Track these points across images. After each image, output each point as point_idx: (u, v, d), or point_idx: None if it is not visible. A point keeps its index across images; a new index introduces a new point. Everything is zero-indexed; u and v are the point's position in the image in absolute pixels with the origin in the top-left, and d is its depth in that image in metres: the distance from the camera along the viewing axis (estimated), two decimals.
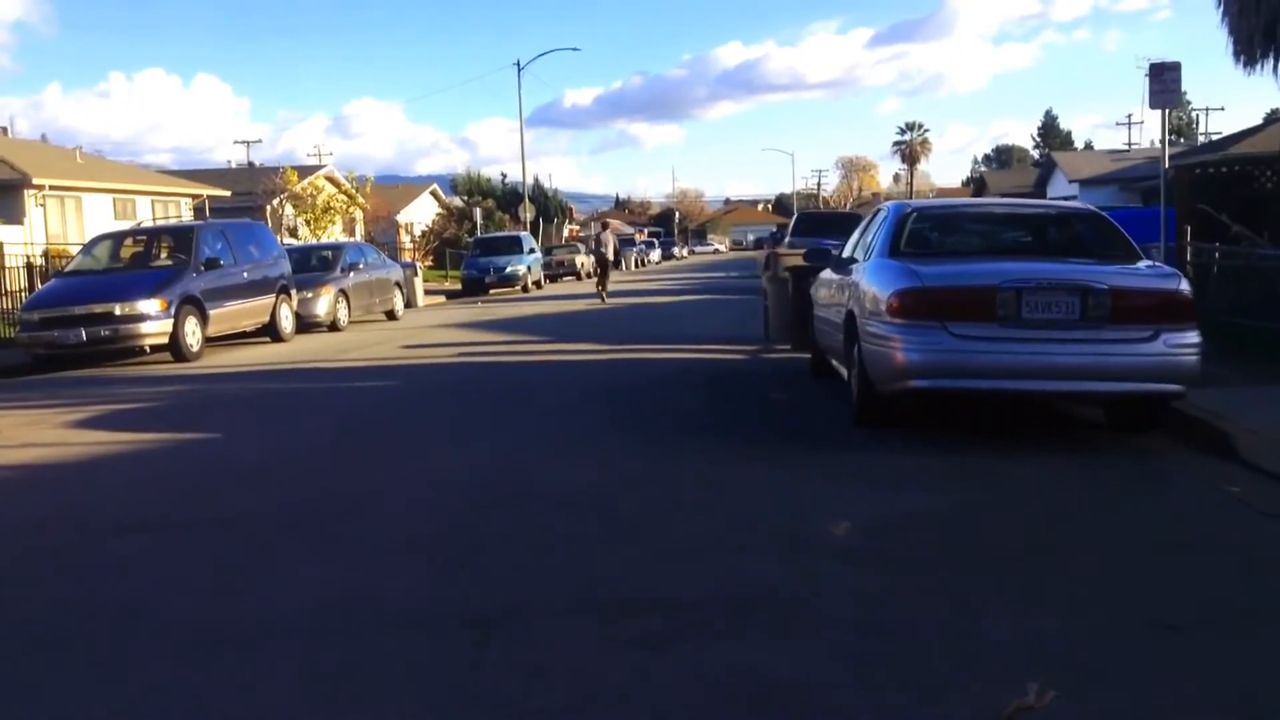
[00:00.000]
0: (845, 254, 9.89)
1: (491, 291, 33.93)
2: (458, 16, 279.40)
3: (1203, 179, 23.66)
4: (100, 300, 14.50)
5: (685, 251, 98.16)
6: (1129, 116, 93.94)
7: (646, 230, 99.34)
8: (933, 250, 7.86)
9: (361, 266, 21.56)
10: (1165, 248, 12.82)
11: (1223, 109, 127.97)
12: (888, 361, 7.12)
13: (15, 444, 8.48)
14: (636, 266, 63.59)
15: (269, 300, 17.40)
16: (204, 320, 15.43)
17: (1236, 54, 12.46)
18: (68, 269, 16.53)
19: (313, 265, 20.82)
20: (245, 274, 16.79)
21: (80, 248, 25.69)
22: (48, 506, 6.25)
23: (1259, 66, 12.16)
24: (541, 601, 4.14)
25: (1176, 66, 12.58)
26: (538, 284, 36.20)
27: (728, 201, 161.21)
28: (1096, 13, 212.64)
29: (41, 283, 19.73)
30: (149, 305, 14.49)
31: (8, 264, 20.93)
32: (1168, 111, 12.93)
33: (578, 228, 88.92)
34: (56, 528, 5.69)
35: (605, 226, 40.70)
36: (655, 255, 74.90)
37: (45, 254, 24.57)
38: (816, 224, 28.29)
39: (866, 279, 7.80)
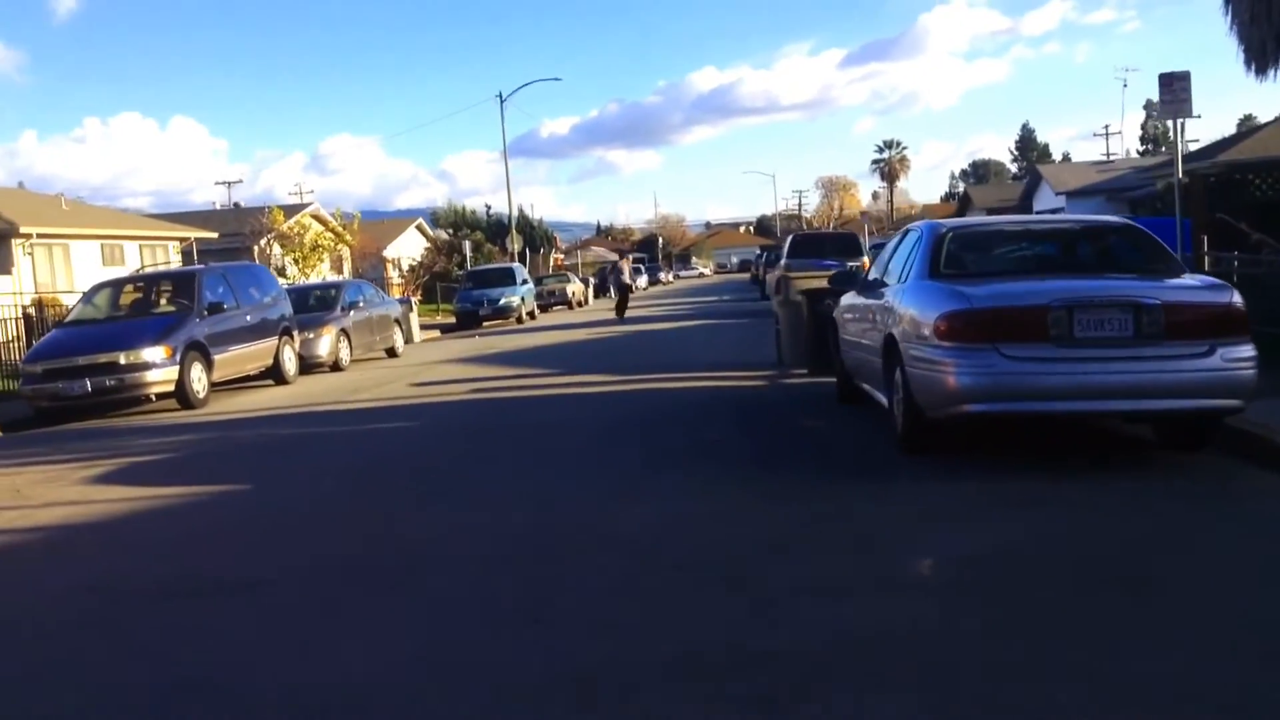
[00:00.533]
0: (872, 276, 9.79)
1: (485, 324, 33.75)
2: (433, 52, 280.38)
3: (1210, 187, 23.74)
4: (104, 350, 14.25)
5: (670, 276, 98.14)
6: (1106, 127, 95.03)
7: (631, 257, 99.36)
8: (973, 270, 7.73)
9: (361, 304, 21.37)
10: (1183, 258, 12.75)
11: (1199, 117, 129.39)
12: (938, 386, 6.97)
13: (38, 503, 8.24)
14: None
15: (272, 343, 17.17)
16: (209, 366, 15.20)
17: (1248, 61, 12.43)
18: (68, 319, 16.27)
19: (311, 305, 20.62)
20: (248, 317, 16.57)
21: (79, 296, 25.61)
22: (87, 571, 6.01)
23: (1272, 73, 12.12)
24: (637, 658, 3.95)
25: (1186, 76, 12.55)
26: (531, 314, 36.07)
27: (709, 225, 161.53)
28: (1065, 26, 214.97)
29: (37, 334, 19.46)
30: (154, 353, 14.25)
31: (9, 316, 20.61)
32: (1180, 122, 12.91)
33: (561, 256, 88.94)
34: (101, 594, 5.46)
35: (622, 256, 46.94)
36: (642, 281, 74.79)
37: (38, 303, 24.25)
38: (812, 245, 28.33)
39: (907, 302, 7.66)
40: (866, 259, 27.49)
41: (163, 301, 16.13)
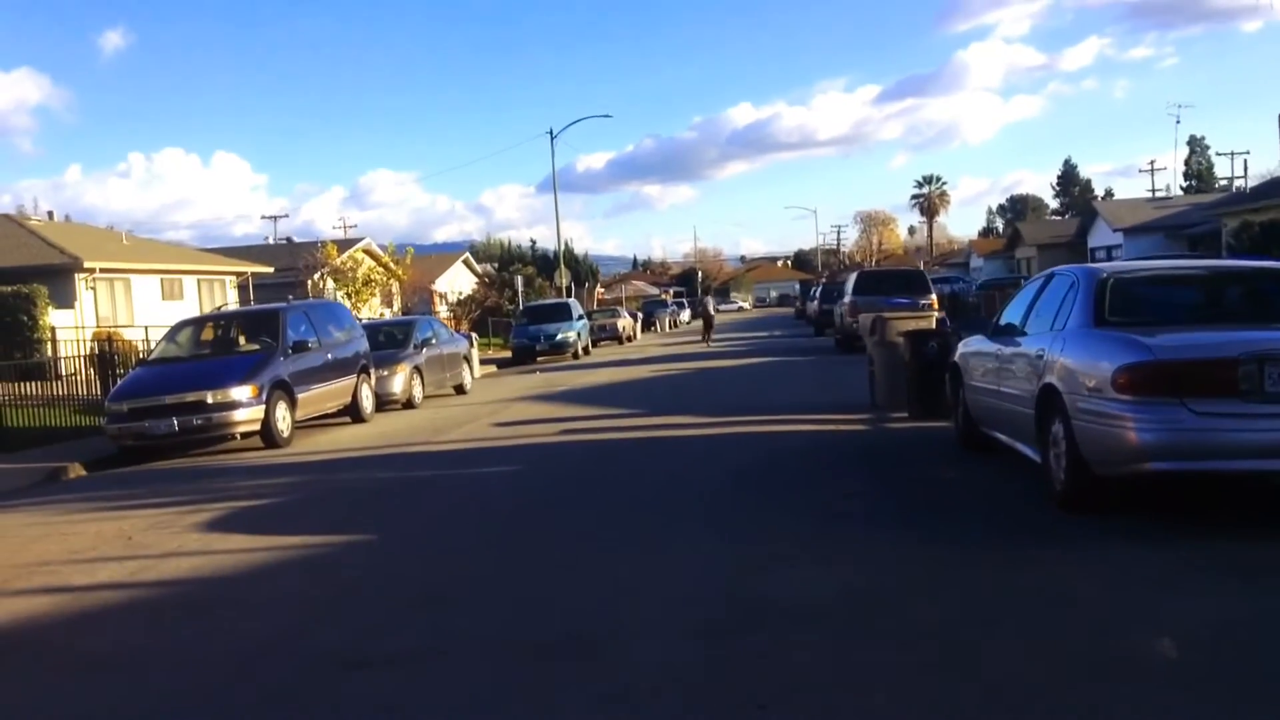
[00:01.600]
0: (1004, 321, 9.43)
1: (540, 359, 33.57)
2: (469, 89, 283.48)
3: None
4: (191, 388, 14.10)
5: (711, 310, 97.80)
6: (1152, 163, 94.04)
7: (672, 290, 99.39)
8: (1142, 318, 7.33)
9: (434, 342, 21.20)
10: None
11: (1248, 153, 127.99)
12: (1116, 442, 6.58)
13: (156, 553, 7.99)
14: (671, 327, 63.34)
15: (351, 381, 17.00)
16: (293, 405, 15.01)
17: None
18: (152, 356, 16.16)
19: (382, 341, 20.44)
20: (329, 355, 16.41)
21: (142, 330, 25.62)
22: (239, 635, 5.69)
23: None
24: None
25: None
26: (586, 350, 35.84)
27: (743, 259, 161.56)
28: (1103, 62, 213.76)
29: (114, 370, 19.40)
30: (241, 392, 14.08)
31: (74, 351, 20.57)
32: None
33: (602, 291, 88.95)
34: (266, 665, 5.15)
35: (708, 291, 61.14)
36: (685, 315, 74.65)
37: (107, 338, 24.22)
38: (878, 281, 27.97)
39: (1071, 351, 7.28)
40: (934, 297, 27.18)
41: (243, 340, 15.98)
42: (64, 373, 21.97)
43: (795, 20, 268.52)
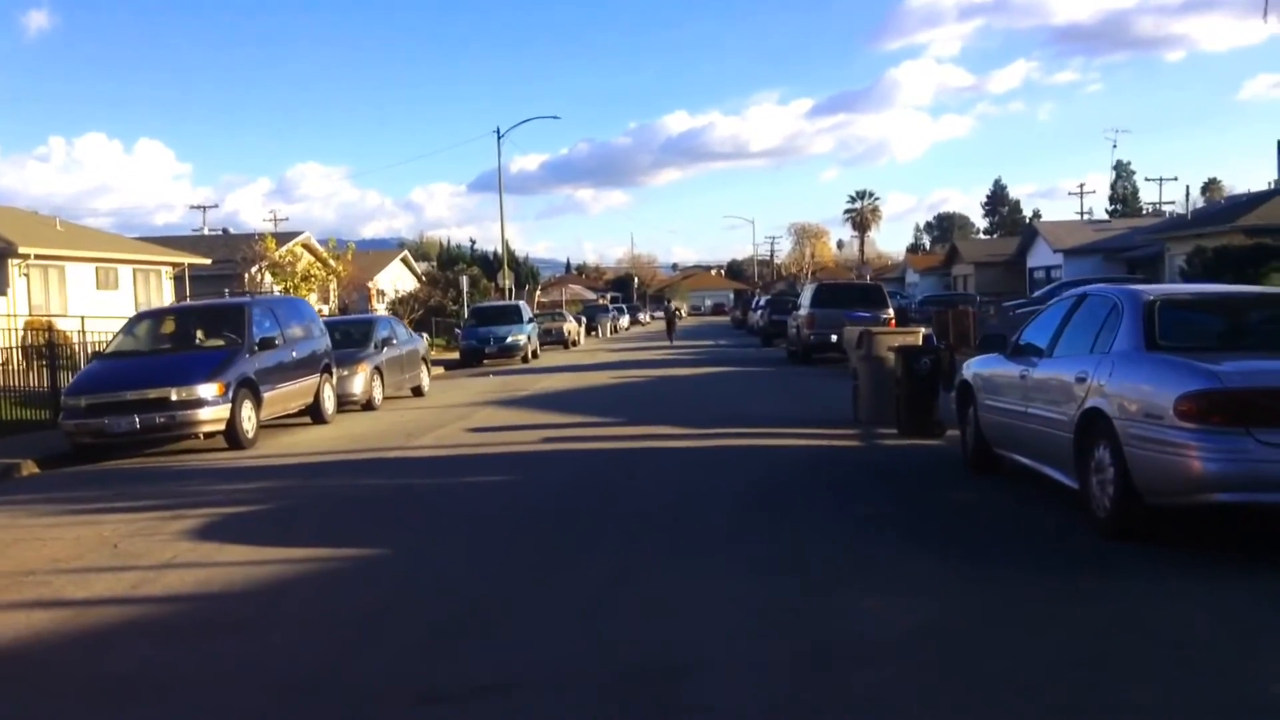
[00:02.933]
0: (1025, 340, 9.27)
1: (486, 362, 33.02)
2: (402, 84, 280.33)
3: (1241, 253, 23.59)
4: (154, 385, 13.42)
5: (648, 317, 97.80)
6: (1081, 186, 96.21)
7: (609, 295, 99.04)
8: (1195, 343, 7.21)
9: (394, 342, 20.64)
10: None
11: (1175, 179, 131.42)
12: (1177, 471, 6.41)
13: (150, 564, 7.46)
14: (611, 332, 63.03)
15: (315, 380, 16.41)
16: (259, 404, 14.41)
17: None
18: (109, 349, 15.39)
19: (338, 340, 19.78)
20: (294, 353, 15.81)
21: (77, 321, 24.59)
22: (280, 660, 5.24)
23: None
24: None
25: None
26: (535, 354, 35.35)
27: (675, 267, 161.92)
28: (1029, 85, 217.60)
29: (56, 361, 18.51)
30: (207, 390, 13.45)
31: (5, 341, 19.59)
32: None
33: (539, 293, 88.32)
34: (324, 698, 4.73)
35: (669, 300, 69.34)
36: (624, 321, 74.40)
37: (50, 328, 23.17)
38: (837, 295, 27.89)
39: (1122, 375, 7.10)
40: (892, 311, 27.22)
41: (207, 335, 15.31)
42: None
43: (732, 31, 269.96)
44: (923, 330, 16.98)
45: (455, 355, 34.81)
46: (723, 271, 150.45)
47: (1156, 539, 6.86)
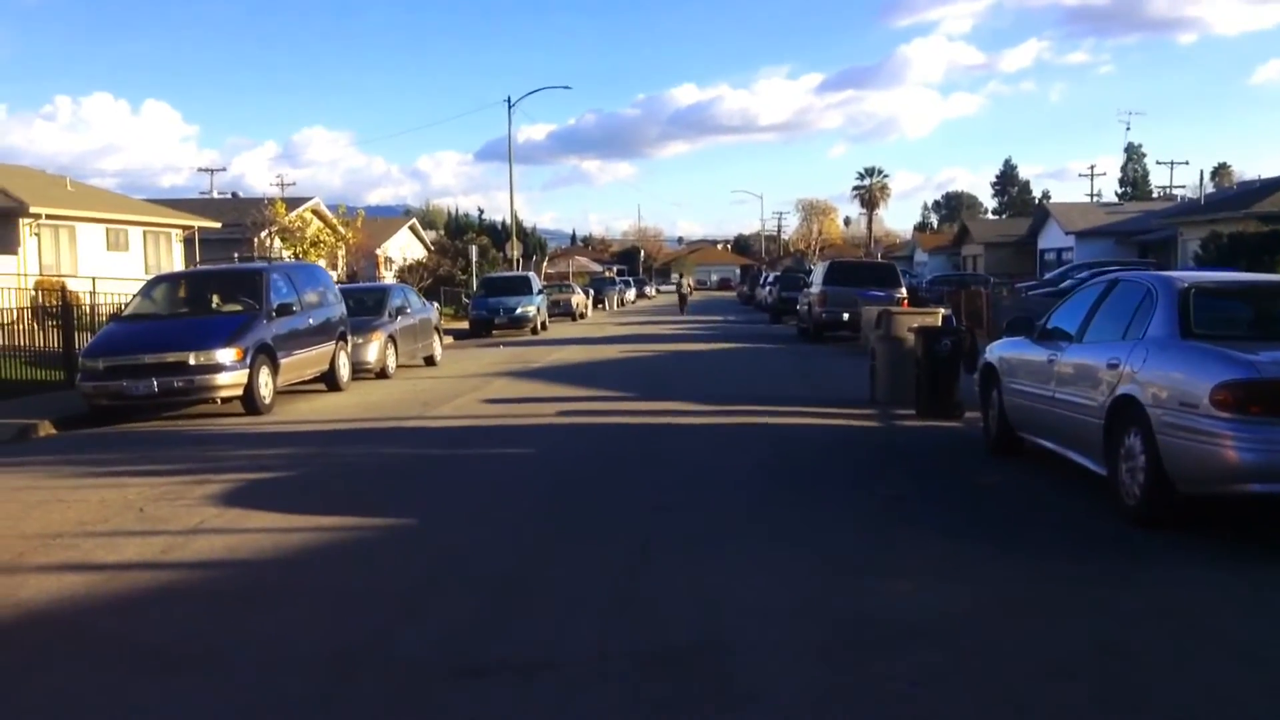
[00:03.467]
0: (1053, 325, 9.25)
1: (495, 332, 32.99)
2: (410, 50, 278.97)
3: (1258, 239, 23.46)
4: (173, 349, 13.41)
5: (654, 290, 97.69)
6: (1092, 168, 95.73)
7: (615, 268, 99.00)
8: (1231, 332, 7.18)
9: (408, 310, 20.61)
10: None
11: (1187, 163, 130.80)
12: (1212, 461, 6.40)
13: (178, 529, 7.47)
14: (618, 305, 62.95)
15: (330, 347, 16.40)
16: (275, 370, 14.40)
17: None
18: (126, 312, 15.37)
19: (352, 308, 19.73)
20: (310, 319, 15.79)
21: (84, 282, 24.57)
22: (325, 631, 5.23)
23: None
24: None
25: None
26: (544, 325, 35.30)
27: (681, 240, 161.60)
28: (1041, 65, 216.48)
29: (83, 324, 18.50)
30: (225, 354, 13.44)
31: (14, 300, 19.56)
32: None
33: (546, 265, 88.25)
34: (369, 669, 4.71)
35: (682, 275, 72.56)
36: (631, 294, 74.27)
37: (63, 289, 23.18)
38: (850, 273, 27.82)
39: (1155, 363, 7.07)
40: (905, 290, 27.16)
41: (225, 300, 15.28)
42: (4, 323, 20.95)
43: (742, 4, 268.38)
44: (942, 311, 16.90)
45: (464, 325, 34.77)
46: (729, 246, 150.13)
47: (1185, 526, 6.86)
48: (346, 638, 5.13)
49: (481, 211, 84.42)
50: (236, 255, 35.99)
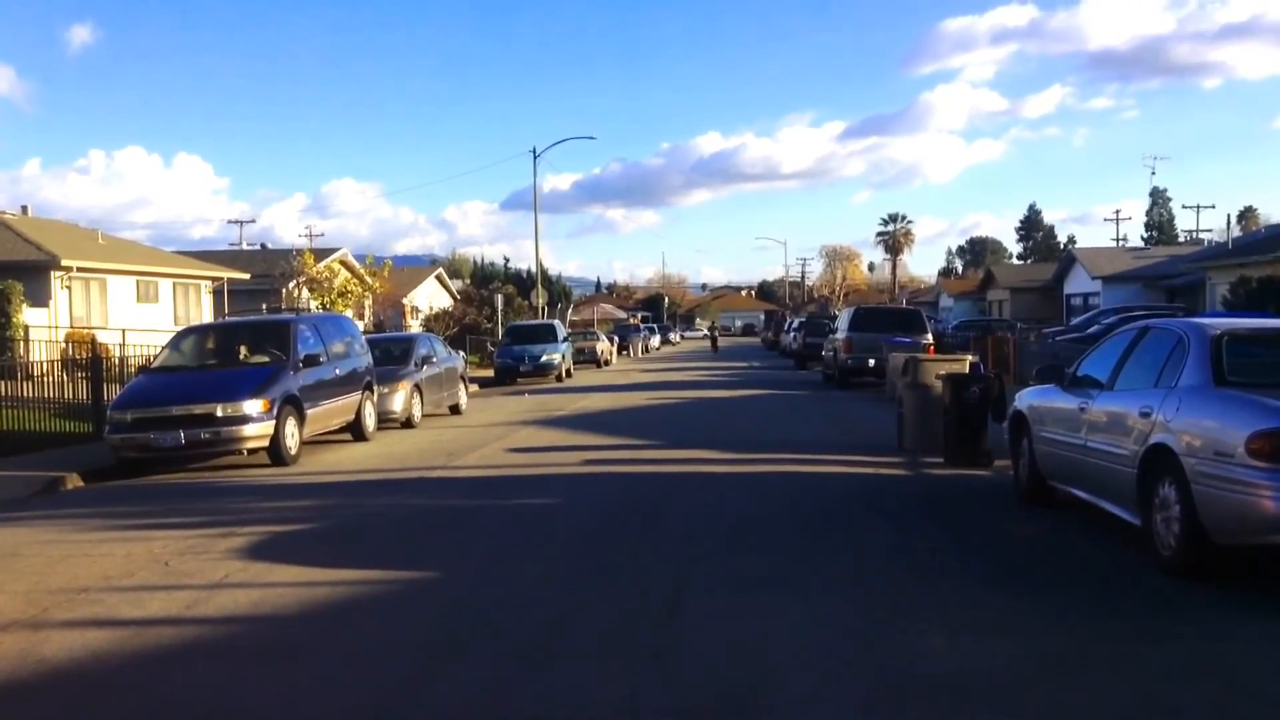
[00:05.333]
0: (1083, 372, 9.14)
1: (521, 380, 33.02)
2: (440, 105, 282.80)
3: None
4: (200, 400, 13.48)
5: (679, 336, 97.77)
6: (1117, 212, 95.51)
7: (640, 315, 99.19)
8: (1266, 379, 7.06)
9: (433, 360, 20.68)
10: None
11: (1213, 207, 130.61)
12: (1249, 511, 6.27)
13: (202, 583, 7.44)
14: (642, 352, 63.00)
15: (356, 397, 16.45)
16: (302, 421, 14.44)
17: None
18: (155, 364, 15.47)
19: (378, 357, 19.82)
20: (336, 370, 15.86)
21: (168, 340, 24.80)
22: (349, 690, 5.17)
23: None
24: None
25: None
26: (569, 373, 35.33)
27: (704, 287, 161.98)
28: (1064, 111, 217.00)
29: (101, 374, 18.65)
30: (252, 406, 13.49)
31: (47, 352, 19.75)
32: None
33: (570, 312, 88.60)
34: None
35: (714, 322, 71.28)
36: (655, 341, 74.32)
37: (94, 341, 23.41)
38: (875, 319, 27.72)
39: (1189, 411, 6.95)
40: (931, 337, 27.03)
41: (247, 351, 15.37)
42: (35, 374, 21.14)
43: (766, 54, 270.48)
44: (970, 358, 16.77)
45: (489, 373, 34.85)
46: (753, 292, 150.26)
47: (1223, 578, 6.72)
48: (371, 694, 5.06)
49: (507, 260, 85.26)
50: (265, 306, 36.30)
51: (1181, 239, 76.26)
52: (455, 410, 21.76)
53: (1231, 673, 5.13)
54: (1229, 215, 60.63)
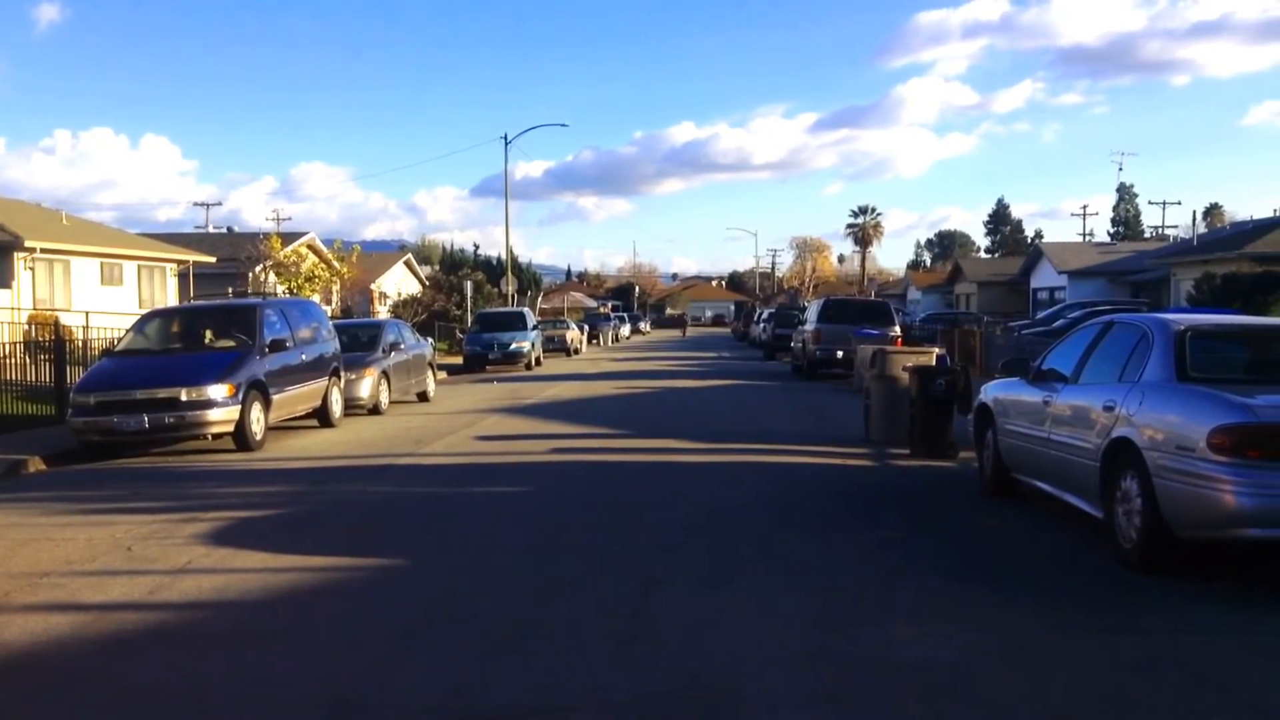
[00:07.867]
0: (1048, 366, 9.23)
1: (490, 368, 32.88)
2: (409, 87, 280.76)
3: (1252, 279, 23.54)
4: (164, 384, 13.35)
5: (648, 326, 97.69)
6: (1084, 207, 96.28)
7: (610, 304, 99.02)
8: (1227, 375, 7.16)
9: (402, 346, 20.56)
10: None
11: (1179, 203, 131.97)
12: (1209, 505, 6.36)
13: (165, 568, 7.38)
14: (613, 341, 62.95)
15: (323, 383, 16.33)
16: (268, 406, 14.33)
17: None
18: (118, 348, 15.28)
19: (345, 343, 19.67)
20: (303, 355, 15.74)
21: (77, 316, 24.51)
22: (316, 677, 5.13)
23: None
24: None
25: None
26: (538, 361, 35.23)
27: (675, 276, 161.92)
28: (1034, 106, 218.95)
29: (76, 359, 18.42)
30: (217, 391, 13.37)
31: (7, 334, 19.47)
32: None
33: (541, 300, 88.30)
34: (357, 714, 4.64)
35: (685, 313, 76.25)
36: (625, 330, 74.24)
37: (57, 323, 23.12)
38: (844, 311, 27.81)
39: (1152, 406, 7.04)
40: (899, 328, 27.20)
41: (213, 335, 15.22)
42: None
43: (740, 45, 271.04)
44: (936, 350, 16.91)
45: (458, 360, 34.71)
46: (723, 283, 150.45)
47: (1183, 571, 6.81)
48: (338, 681, 5.04)
49: (477, 247, 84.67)
50: (231, 290, 35.95)
51: (1148, 235, 77.14)
52: (423, 397, 21.66)
53: (1192, 666, 5.20)
54: (1195, 212, 61.33)
